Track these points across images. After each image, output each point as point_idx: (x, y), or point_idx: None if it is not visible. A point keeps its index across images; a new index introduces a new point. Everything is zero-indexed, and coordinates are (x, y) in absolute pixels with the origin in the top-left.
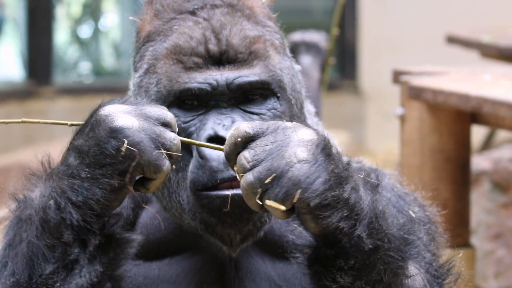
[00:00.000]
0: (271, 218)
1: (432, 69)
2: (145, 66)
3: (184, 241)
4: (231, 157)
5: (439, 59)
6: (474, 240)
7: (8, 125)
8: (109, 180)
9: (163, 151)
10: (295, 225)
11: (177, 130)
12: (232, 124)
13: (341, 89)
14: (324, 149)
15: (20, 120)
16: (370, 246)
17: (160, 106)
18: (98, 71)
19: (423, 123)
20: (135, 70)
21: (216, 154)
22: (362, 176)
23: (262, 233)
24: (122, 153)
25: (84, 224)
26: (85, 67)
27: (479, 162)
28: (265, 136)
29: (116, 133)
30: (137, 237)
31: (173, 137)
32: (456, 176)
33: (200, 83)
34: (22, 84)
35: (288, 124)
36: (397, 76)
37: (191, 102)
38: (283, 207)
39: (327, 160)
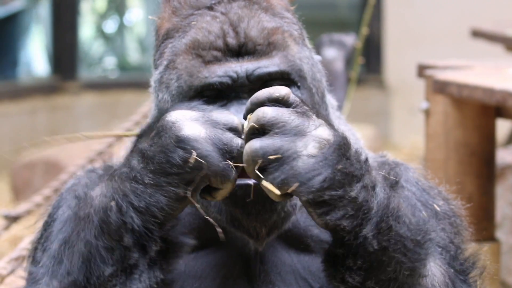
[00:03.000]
0: (295, 209)
1: (456, 63)
2: (165, 62)
3: (209, 236)
4: (254, 104)
5: (464, 53)
6: (499, 234)
7: (33, 120)
8: (175, 189)
9: (230, 162)
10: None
11: (243, 135)
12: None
13: (366, 83)
14: (339, 149)
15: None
16: (376, 247)
17: (226, 111)
18: (123, 66)
19: (448, 117)
20: (155, 67)
21: None
22: (382, 173)
23: (287, 225)
24: (190, 165)
25: (145, 231)
26: (110, 62)
27: (504, 156)
28: (296, 112)
29: (183, 143)
30: (191, 241)
31: (240, 144)
32: (481, 170)
33: (220, 76)
34: (48, 79)
35: (315, 117)
36: (421, 70)
37: (211, 95)
38: (277, 192)
39: (337, 160)
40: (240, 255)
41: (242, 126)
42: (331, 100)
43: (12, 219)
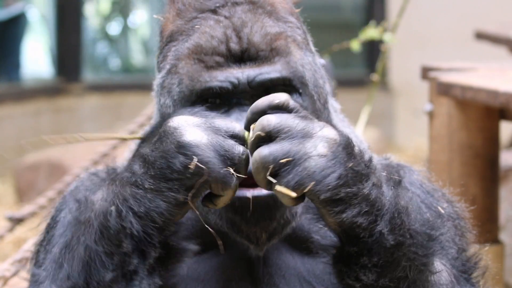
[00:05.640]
0: (295, 217)
1: (460, 65)
2: (167, 66)
3: (212, 239)
4: (256, 113)
5: (468, 55)
6: (503, 236)
7: (37, 122)
8: (175, 195)
9: (230, 169)
10: (320, 226)
11: (247, 141)
12: None
13: (370, 85)
14: (346, 148)
15: (81, 137)
16: (392, 242)
17: (229, 118)
18: (127, 68)
19: (452, 119)
20: (159, 71)
21: None
22: (385, 173)
23: (287, 230)
24: (190, 170)
25: (144, 236)
26: (114, 64)
27: (507, 158)
28: (298, 116)
29: (184, 148)
30: (193, 247)
31: (241, 152)
32: (484, 172)
33: (221, 81)
34: (52, 81)
35: (316, 120)
36: (425, 72)
37: (213, 100)
38: (293, 194)
39: (347, 158)
40: (244, 258)
41: (244, 134)
42: (334, 104)
43: (16, 221)
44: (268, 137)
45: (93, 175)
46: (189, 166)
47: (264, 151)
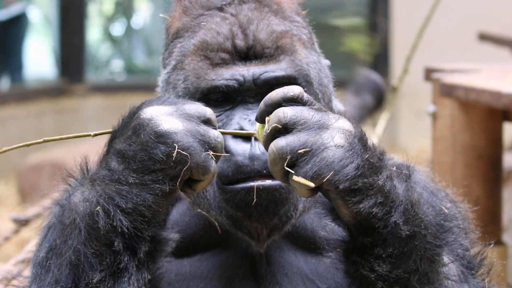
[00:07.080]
0: (297, 210)
1: (464, 66)
2: (173, 62)
3: (214, 237)
4: (270, 105)
5: (471, 57)
6: (506, 237)
7: (41, 123)
8: (160, 186)
9: (210, 152)
10: (328, 222)
11: (217, 125)
12: None
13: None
14: (361, 140)
15: (41, 140)
16: (408, 232)
17: (198, 103)
18: (130, 69)
19: (455, 121)
20: (164, 67)
21: (241, 149)
22: (395, 169)
23: (288, 226)
24: (173, 159)
25: (134, 231)
26: (117, 65)
27: (510, 159)
28: (312, 109)
29: (163, 138)
30: (174, 236)
31: (216, 135)
32: (487, 174)
33: (227, 79)
34: (55, 82)
35: (331, 112)
36: (429, 74)
37: (218, 98)
38: (312, 184)
39: (363, 150)
40: (246, 256)
41: (215, 117)
42: (338, 105)
43: (21, 223)
44: (284, 129)
45: (69, 176)
46: (172, 154)
47: (281, 142)
